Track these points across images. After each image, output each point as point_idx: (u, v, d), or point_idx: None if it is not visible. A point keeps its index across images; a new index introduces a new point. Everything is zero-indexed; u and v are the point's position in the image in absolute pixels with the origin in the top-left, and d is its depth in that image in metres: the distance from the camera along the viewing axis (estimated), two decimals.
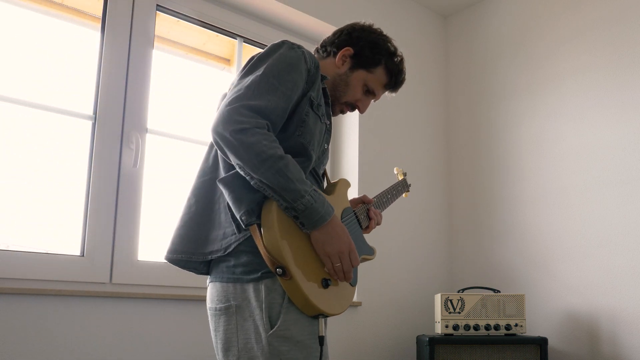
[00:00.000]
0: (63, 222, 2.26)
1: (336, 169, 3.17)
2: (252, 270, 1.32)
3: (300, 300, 1.29)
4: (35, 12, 2.30)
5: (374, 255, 1.63)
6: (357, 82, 1.60)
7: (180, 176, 2.59)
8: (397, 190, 1.92)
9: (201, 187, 1.44)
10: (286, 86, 1.36)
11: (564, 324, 2.86)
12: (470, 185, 3.40)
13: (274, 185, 1.26)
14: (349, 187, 1.64)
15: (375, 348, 2.98)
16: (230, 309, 1.33)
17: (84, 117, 2.31)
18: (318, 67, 1.46)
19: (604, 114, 2.85)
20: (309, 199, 1.28)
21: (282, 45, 1.42)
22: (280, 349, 1.28)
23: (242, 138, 1.24)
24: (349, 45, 1.59)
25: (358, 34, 1.60)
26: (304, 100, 1.41)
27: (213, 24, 2.77)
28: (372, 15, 3.27)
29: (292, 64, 1.38)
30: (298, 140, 1.38)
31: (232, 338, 1.32)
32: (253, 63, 1.41)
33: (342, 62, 1.59)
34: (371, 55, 1.59)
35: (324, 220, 1.31)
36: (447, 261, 3.43)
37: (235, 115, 1.26)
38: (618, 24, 2.86)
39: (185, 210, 1.44)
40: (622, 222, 2.71)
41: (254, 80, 1.33)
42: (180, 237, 1.41)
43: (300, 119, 1.40)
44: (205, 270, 1.44)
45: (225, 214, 1.37)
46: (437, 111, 3.56)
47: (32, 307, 2.00)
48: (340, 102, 1.62)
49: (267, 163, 1.25)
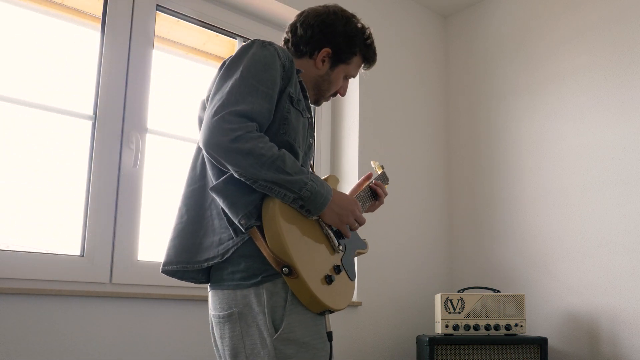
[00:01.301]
0: (63, 222, 2.26)
1: (336, 168, 3.17)
2: (252, 275, 1.31)
3: (306, 297, 1.30)
4: (35, 12, 2.30)
5: (366, 249, 1.65)
6: (338, 77, 1.63)
7: (180, 176, 2.59)
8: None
9: (191, 196, 1.44)
10: (266, 85, 1.35)
11: (564, 324, 2.86)
12: (470, 185, 3.40)
13: (279, 182, 1.28)
14: (338, 182, 1.66)
15: (375, 348, 2.98)
16: (232, 315, 1.32)
17: (84, 117, 2.31)
18: (292, 62, 1.45)
19: (604, 114, 2.85)
20: (311, 185, 1.32)
21: (253, 45, 1.41)
22: (286, 353, 1.28)
23: (238, 146, 1.24)
24: (325, 44, 1.58)
25: (330, 29, 1.58)
26: (283, 97, 1.40)
27: (213, 24, 2.77)
28: (372, 15, 3.27)
29: (267, 63, 1.37)
30: (283, 139, 1.38)
31: (239, 345, 1.32)
32: (227, 67, 1.39)
33: (322, 64, 1.59)
34: (348, 49, 1.60)
35: (327, 200, 1.36)
36: (447, 261, 3.43)
37: (224, 124, 1.26)
38: (618, 24, 2.86)
39: (177, 221, 1.44)
40: (622, 222, 2.71)
41: (234, 85, 1.32)
42: (174, 248, 1.41)
43: (282, 117, 1.39)
44: (204, 279, 1.44)
45: (219, 220, 1.37)
46: (437, 111, 3.56)
47: (32, 307, 2.00)
48: (326, 97, 1.65)
49: (266, 165, 1.26)
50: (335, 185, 1.64)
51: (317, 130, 3.15)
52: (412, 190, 3.30)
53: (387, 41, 3.32)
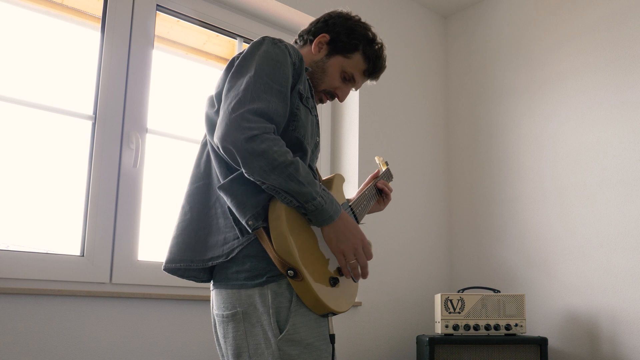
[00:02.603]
0: (63, 222, 2.26)
1: (336, 168, 3.17)
2: (257, 275, 1.31)
3: (311, 300, 1.30)
4: (35, 12, 2.30)
5: None
6: (334, 69, 1.58)
7: (180, 176, 2.59)
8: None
9: (195, 194, 1.43)
10: (280, 83, 1.34)
11: (564, 324, 2.86)
12: (470, 185, 3.40)
13: (286, 188, 1.26)
14: (343, 182, 1.65)
15: (375, 348, 2.98)
16: (237, 315, 1.32)
17: (84, 117, 2.31)
18: (302, 60, 1.44)
19: (604, 114, 2.85)
20: (319, 201, 1.29)
21: (264, 42, 1.40)
22: (290, 353, 1.28)
23: (253, 146, 1.22)
24: (325, 32, 1.58)
25: (334, 21, 1.59)
26: (294, 94, 1.40)
27: (213, 24, 2.77)
28: (372, 15, 3.27)
29: (279, 61, 1.37)
30: (293, 135, 1.38)
31: (242, 344, 1.31)
32: (239, 63, 1.38)
33: (318, 49, 1.58)
34: (347, 40, 1.57)
35: (332, 219, 1.32)
36: (447, 261, 3.43)
37: (242, 122, 1.24)
38: (618, 24, 2.86)
39: (180, 218, 1.43)
40: (622, 222, 2.71)
41: (249, 82, 1.31)
42: (177, 246, 1.40)
43: (292, 113, 1.38)
44: (206, 278, 1.43)
45: (224, 219, 1.36)
46: (437, 111, 3.56)
47: (32, 307, 2.00)
48: (319, 90, 1.60)
49: (277, 170, 1.24)
50: (341, 185, 1.63)
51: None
52: (412, 190, 3.30)
53: (387, 41, 3.32)
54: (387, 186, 1.75)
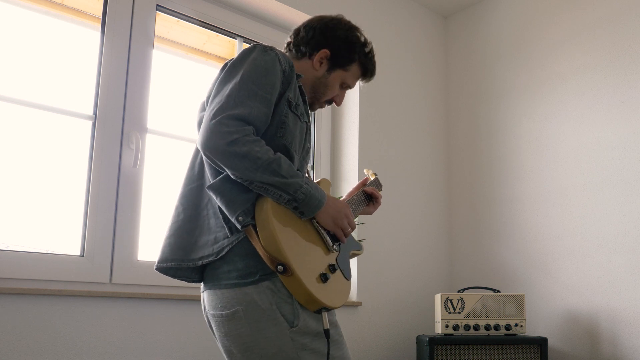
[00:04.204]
0: (63, 222, 2.26)
1: (336, 168, 3.17)
2: (249, 273, 1.32)
3: (302, 295, 1.31)
4: (35, 12, 2.30)
5: (361, 251, 1.66)
6: (335, 82, 1.63)
7: (180, 176, 2.59)
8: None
9: (188, 195, 1.45)
10: (265, 90, 1.37)
11: (564, 324, 2.86)
12: (470, 186, 3.40)
13: (274, 183, 1.30)
14: (330, 186, 1.68)
15: (375, 348, 2.98)
16: (237, 313, 1.33)
17: (84, 117, 2.31)
18: (292, 67, 1.47)
19: (604, 114, 2.85)
20: (306, 187, 1.35)
21: (254, 50, 1.43)
22: (302, 342, 1.32)
23: (235, 149, 1.27)
24: (325, 46, 1.60)
25: (332, 33, 1.61)
26: (282, 102, 1.42)
27: (213, 24, 2.77)
28: (372, 15, 3.27)
29: (267, 68, 1.39)
30: (280, 142, 1.40)
31: (249, 340, 1.33)
32: (228, 70, 1.41)
33: (319, 65, 1.61)
34: (348, 55, 1.61)
35: (321, 204, 1.39)
36: (447, 261, 3.43)
37: (221, 127, 1.28)
38: (618, 24, 2.86)
39: (173, 219, 1.45)
40: (622, 222, 2.71)
41: (233, 89, 1.34)
42: (169, 246, 1.42)
43: (280, 121, 1.41)
44: (197, 278, 1.44)
45: (215, 219, 1.38)
46: (437, 111, 3.56)
47: (32, 307, 2.01)
48: (320, 102, 1.66)
49: (261, 168, 1.29)
50: (328, 189, 1.66)
51: (317, 131, 3.15)
52: (412, 190, 3.30)
53: (387, 41, 3.33)
54: (376, 191, 1.77)
